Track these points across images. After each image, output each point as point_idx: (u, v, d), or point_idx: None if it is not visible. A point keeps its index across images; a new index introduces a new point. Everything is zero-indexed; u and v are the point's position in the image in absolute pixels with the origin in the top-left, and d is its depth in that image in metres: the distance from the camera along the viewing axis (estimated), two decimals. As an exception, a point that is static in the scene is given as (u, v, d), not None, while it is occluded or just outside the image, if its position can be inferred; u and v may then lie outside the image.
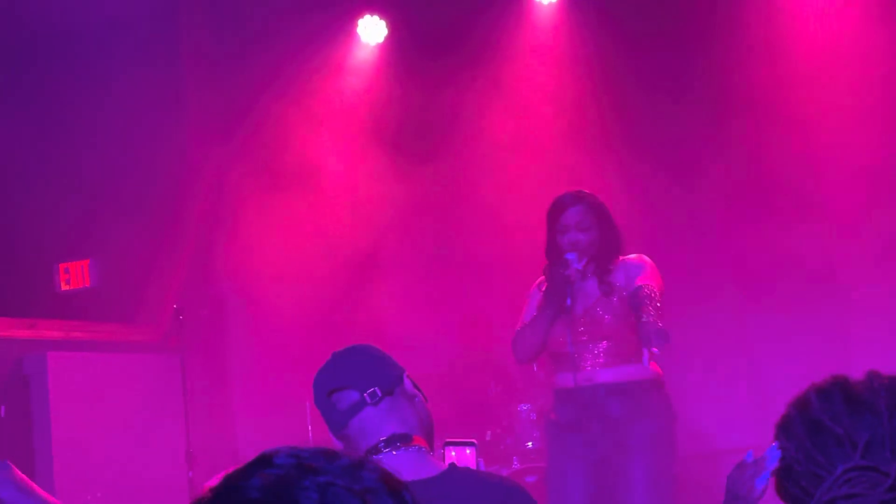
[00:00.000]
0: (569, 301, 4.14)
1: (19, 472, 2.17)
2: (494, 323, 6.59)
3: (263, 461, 1.05)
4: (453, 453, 2.48)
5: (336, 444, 2.33)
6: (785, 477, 1.57)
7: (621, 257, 4.28)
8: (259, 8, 7.11)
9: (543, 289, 4.30)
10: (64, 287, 7.19)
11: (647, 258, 4.28)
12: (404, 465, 2.18)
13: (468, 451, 2.46)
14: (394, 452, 2.21)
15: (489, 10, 7.04)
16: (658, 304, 3.91)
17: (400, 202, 7.11)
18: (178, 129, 7.05)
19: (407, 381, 2.37)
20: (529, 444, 5.73)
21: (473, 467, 2.42)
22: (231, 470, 1.07)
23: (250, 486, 1.01)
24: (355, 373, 2.33)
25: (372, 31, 7.26)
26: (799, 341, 6.43)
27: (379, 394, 2.29)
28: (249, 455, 1.10)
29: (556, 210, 4.26)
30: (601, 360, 4.15)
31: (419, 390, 2.40)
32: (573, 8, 7.01)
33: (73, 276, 7.19)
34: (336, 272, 6.85)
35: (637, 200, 6.81)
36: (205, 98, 7.19)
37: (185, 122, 7.10)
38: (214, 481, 1.06)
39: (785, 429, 1.58)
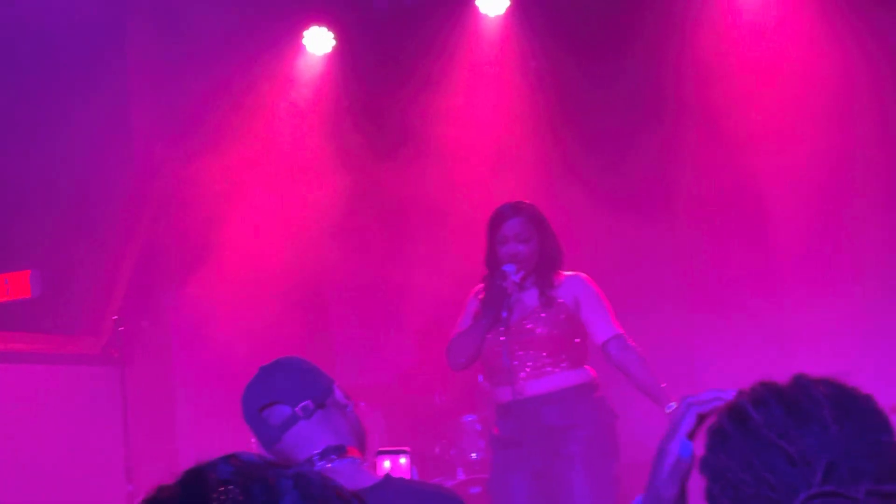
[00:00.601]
0: (505, 313, 4.18)
1: None
2: (443, 334, 6.60)
3: (230, 455, 1.05)
4: (387, 463, 2.48)
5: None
6: (728, 498, 1.41)
7: (564, 273, 4.32)
8: (206, 16, 7.06)
9: (480, 297, 4.33)
10: (3, 298, 7.07)
11: (589, 279, 4.32)
12: (340, 477, 2.18)
13: (402, 460, 2.47)
14: (329, 465, 2.21)
15: (436, 22, 7.06)
16: None
17: (348, 211, 7.10)
18: (124, 138, 6.98)
19: (337, 391, 2.36)
20: (474, 455, 5.74)
21: (407, 476, 2.42)
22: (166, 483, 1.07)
23: (221, 469, 1.00)
24: (286, 387, 2.31)
25: (319, 41, 7.25)
26: (740, 350, 6.52)
27: (311, 407, 2.28)
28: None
29: (496, 221, 4.29)
30: (535, 371, 4.17)
31: (349, 399, 2.39)
32: (519, 20, 7.06)
33: (13, 286, 7.06)
34: (285, 284, 6.81)
35: (582, 211, 6.87)
36: (151, 107, 7.13)
37: (131, 130, 7.02)
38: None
39: (721, 442, 1.42)
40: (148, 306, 6.88)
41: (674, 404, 3.91)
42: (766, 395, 1.40)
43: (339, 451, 2.24)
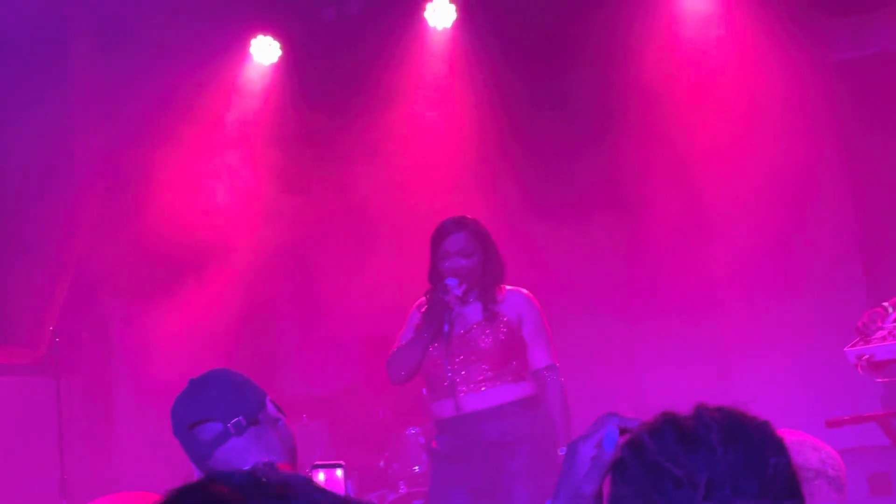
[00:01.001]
0: (446, 326, 4.18)
1: None
2: (387, 346, 6.57)
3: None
4: (321, 475, 2.44)
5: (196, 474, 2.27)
6: None
7: (506, 288, 4.33)
8: (150, 23, 6.97)
9: (423, 311, 4.32)
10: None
11: (533, 298, 4.33)
12: None
13: (338, 473, 2.44)
14: None
15: (384, 33, 7.05)
16: None
17: (293, 222, 7.05)
18: (64, 147, 6.87)
19: (270, 406, 2.32)
20: (416, 468, 5.72)
21: (342, 490, 2.40)
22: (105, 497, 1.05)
23: (232, 480, 1.01)
24: (218, 403, 2.27)
25: (265, 50, 7.21)
26: (681, 359, 6.59)
27: (244, 423, 2.24)
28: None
29: (440, 236, 4.29)
30: (477, 386, 4.17)
31: (282, 412, 2.35)
32: (467, 33, 7.07)
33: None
34: (228, 292, 6.74)
35: (528, 222, 6.91)
36: (92, 114, 7.02)
37: (72, 139, 6.91)
38: None
39: (620, 472, 1.47)
40: (88, 317, 6.77)
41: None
42: (662, 425, 1.45)
43: (269, 467, 2.20)
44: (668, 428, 1.44)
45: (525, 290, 4.33)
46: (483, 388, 4.16)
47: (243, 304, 6.78)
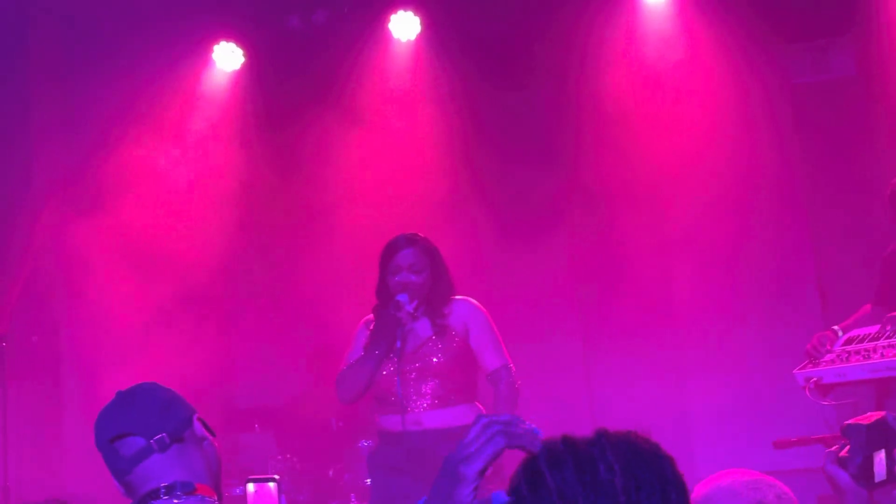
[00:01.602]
0: (399, 343, 4.16)
1: None
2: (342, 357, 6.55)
3: None
4: (251, 487, 2.42)
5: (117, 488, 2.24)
6: None
7: (453, 298, 4.32)
8: (112, 27, 6.92)
9: (371, 328, 4.30)
10: None
11: (478, 304, 4.33)
12: None
13: (270, 487, 2.41)
14: (174, 501, 2.14)
15: (348, 43, 7.04)
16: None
17: (251, 231, 7.01)
18: (21, 149, 6.78)
19: (197, 424, 2.28)
20: (368, 480, 5.68)
21: (276, 503, 2.37)
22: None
23: None
24: (142, 417, 2.22)
25: (228, 57, 7.17)
26: (638, 382, 6.62)
27: (167, 441, 2.20)
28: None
29: (390, 251, 4.27)
30: (429, 402, 4.16)
31: (209, 430, 2.31)
32: (431, 45, 7.07)
33: None
34: (183, 300, 6.68)
35: (488, 236, 6.92)
36: (51, 119, 6.95)
37: (29, 141, 6.83)
38: None
39: (516, 495, 1.42)
40: (39, 322, 6.68)
41: None
42: (563, 458, 1.39)
43: (186, 487, 2.16)
44: (570, 463, 1.38)
45: (471, 299, 4.33)
46: (435, 406, 4.15)
47: (197, 313, 6.72)
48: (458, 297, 4.33)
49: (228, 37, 7.13)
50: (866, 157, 6.36)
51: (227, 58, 7.17)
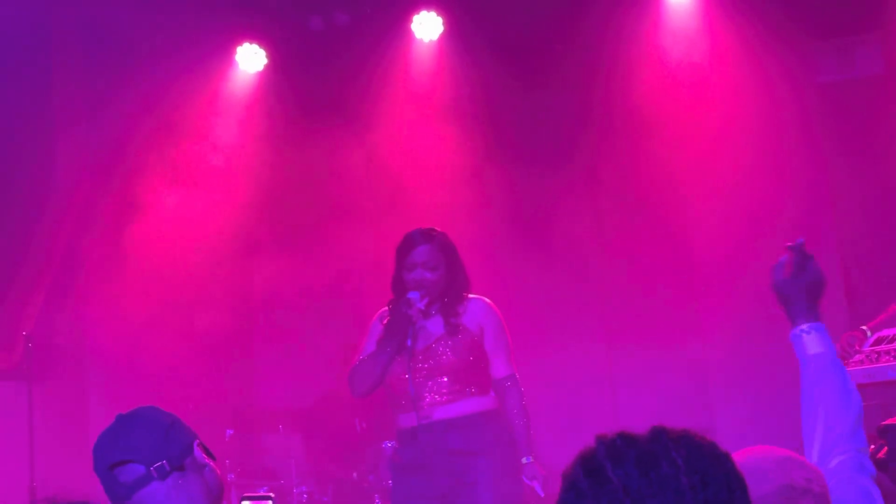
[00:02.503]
0: (409, 341, 4.16)
1: None
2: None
3: None
4: None
5: None
6: None
7: (468, 297, 4.31)
8: (136, 27, 6.94)
9: (385, 322, 4.31)
10: None
11: (493, 305, 4.32)
12: None
13: None
14: None
15: (370, 44, 7.03)
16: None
17: (273, 233, 7.02)
18: (46, 150, 6.82)
19: (198, 451, 2.25)
20: (391, 482, 5.68)
21: None
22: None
23: None
24: (142, 444, 2.19)
25: (251, 58, 7.19)
26: (661, 385, 6.57)
27: (167, 468, 2.17)
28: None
29: (406, 247, 4.27)
30: (440, 398, 4.16)
31: (211, 456, 2.28)
32: (453, 47, 7.06)
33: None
34: (207, 302, 6.69)
35: (508, 240, 6.89)
36: (75, 121, 6.98)
37: (54, 143, 6.86)
38: None
39: (575, 491, 1.38)
40: (64, 323, 6.71)
41: (531, 458, 4.14)
42: (624, 453, 1.37)
43: None
44: (632, 459, 1.36)
45: (486, 299, 4.33)
46: (448, 401, 4.16)
47: (221, 314, 6.73)
48: (472, 295, 4.32)
49: (251, 38, 7.15)
50: (893, 156, 6.29)
51: (251, 59, 7.18)
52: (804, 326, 2.35)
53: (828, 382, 2.27)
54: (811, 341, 2.32)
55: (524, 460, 4.13)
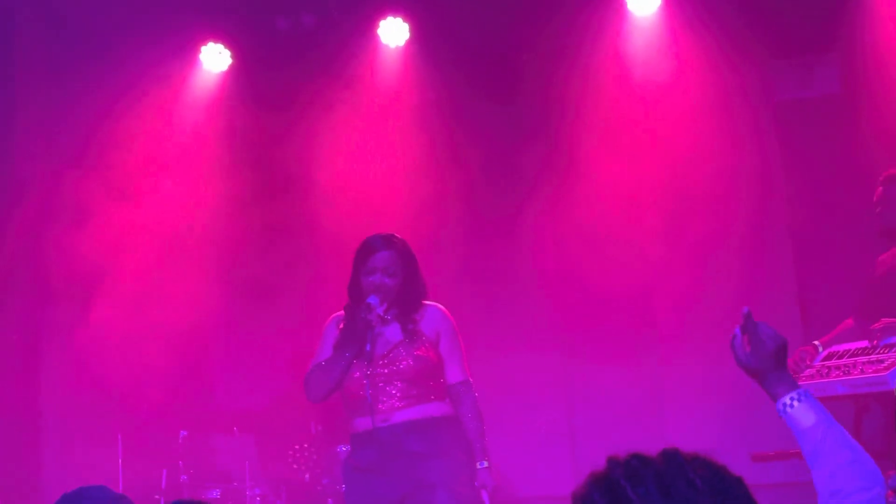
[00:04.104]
0: (368, 346, 4.17)
1: None
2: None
3: None
4: None
5: None
6: None
7: (424, 303, 4.34)
8: (100, 24, 6.89)
9: (341, 326, 4.30)
10: None
11: (447, 312, 4.35)
12: None
13: None
14: None
15: (337, 48, 7.03)
16: None
17: (229, 233, 6.99)
18: (3, 147, 6.74)
19: None
20: (345, 485, 5.67)
21: None
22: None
23: None
24: None
25: (215, 59, 7.15)
26: (618, 393, 6.63)
27: None
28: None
29: (366, 251, 4.27)
30: (399, 403, 4.17)
31: None
32: (420, 52, 7.07)
33: None
34: (162, 304, 6.64)
35: (469, 248, 6.92)
36: (34, 118, 6.90)
37: (12, 140, 6.78)
38: None
39: None
40: (18, 319, 6.63)
41: (486, 463, 4.15)
42: (642, 473, 1.36)
43: None
44: (651, 480, 1.35)
45: (441, 306, 4.35)
46: (404, 406, 4.17)
47: (177, 316, 6.69)
48: (428, 302, 4.33)
49: (216, 38, 7.11)
50: (849, 173, 6.39)
51: (215, 59, 7.15)
52: (787, 399, 2.27)
53: (833, 450, 2.19)
54: (801, 412, 2.24)
55: (479, 465, 4.15)
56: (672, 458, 1.38)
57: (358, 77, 7.06)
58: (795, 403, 2.25)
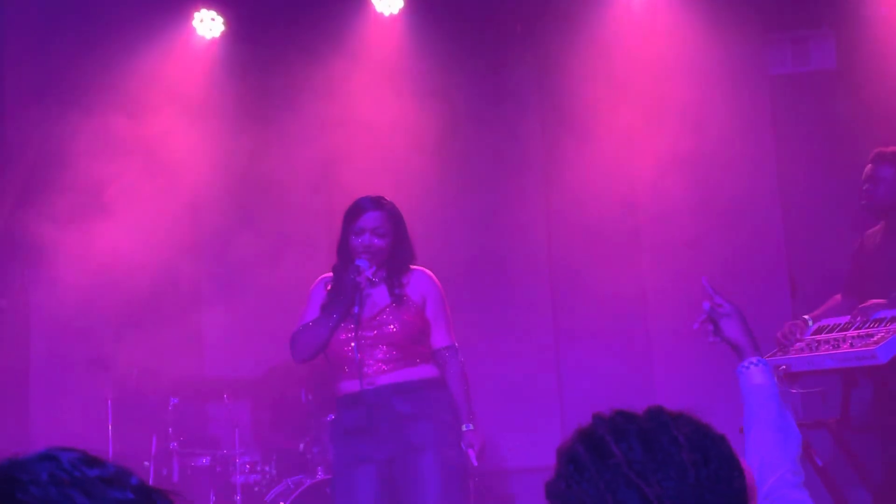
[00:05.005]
0: (356, 308, 4.18)
1: None
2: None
3: (47, 455, 0.99)
4: None
5: None
6: None
7: (411, 268, 4.36)
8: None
9: (329, 287, 4.31)
10: None
11: (435, 279, 4.37)
12: None
13: None
14: None
15: (330, 16, 6.99)
16: None
17: (223, 199, 6.97)
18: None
19: None
20: (332, 447, 5.69)
21: None
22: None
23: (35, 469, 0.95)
24: None
25: (207, 25, 7.12)
26: (607, 368, 6.65)
27: None
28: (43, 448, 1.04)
29: (355, 212, 4.29)
30: (386, 366, 4.20)
31: None
32: (414, 22, 7.04)
33: None
34: (154, 270, 6.63)
35: (458, 213, 6.91)
36: (25, 76, 6.86)
37: (2, 102, 6.74)
38: None
39: (577, 473, 1.38)
40: (7, 285, 6.62)
41: (471, 426, 4.20)
42: (626, 428, 1.38)
43: None
44: (634, 435, 1.37)
45: (428, 271, 4.37)
46: (391, 369, 4.20)
47: (170, 281, 6.68)
48: (416, 267, 4.35)
49: (208, 4, 7.07)
50: (842, 149, 6.40)
51: (207, 25, 7.11)
52: (751, 360, 2.47)
53: (768, 413, 2.37)
54: (756, 373, 2.44)
55: (464, 427, 4.19)
56: (656, 415, 1.41)
57: (352, 46, 7.03)
58: (758, 365, 2.46)
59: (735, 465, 1.39)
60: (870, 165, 4.72)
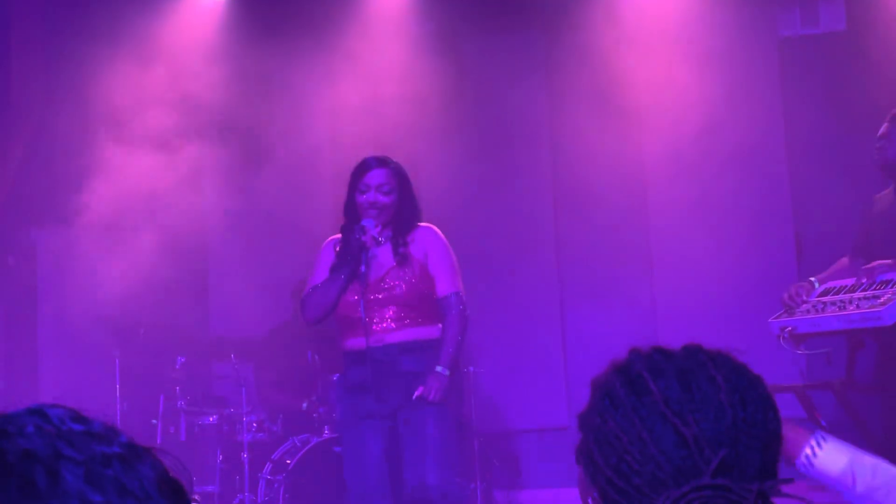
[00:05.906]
0: (363, 268, 4.19)
1: None
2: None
3: (36, 410, 1.00)
4: None
5: None
6: (610, 466, 1.32)
7: (417, 225, 4.38)
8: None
9: (337, 249, 4.33)
10: None
11: (439, 233, 4.37)
12: None
13: None
14: None
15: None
16: None
17: (233, 160, 6.96)
18: (2, 70, 6.68)
19: None
20: (338, 403, 5.72)
21: None
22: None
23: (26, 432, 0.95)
24: None
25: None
26: (611, 322, 6.66)
27: None
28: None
29: (361, 170, 4.32)
30: (391, 325, 4.24)
31: None
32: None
33: None
34: (160, 229, 6.63)
35: (467, 179, 6.90)
36: (30, 38, 6.83)
37: (6, 68, 6.72)
38: None
39: (612, 408, 1.34)
40: (15, 242, 6.63)
41: (445, 371, 4.16)
42: (664, 366, 1.36)
43: None
44: (672, 373, 1.34)
45: (433, 227, 4.39)
46: (397, 328, 4.25)
47: (176, 240, 6.69)
48: (421, 224, 4.36)
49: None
50: (852, 112, 6.36)
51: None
52: (808, 450, 1.73)
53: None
54: (828, 458, 1.72)
55: (438, 368, 4.17)
56: (694, 353, 1.38)
57: (358, 7, 6.99)
58: (823, 444, 1.74)
59: (771, 406, 1.37)
60: (887, 124, 4.69)
